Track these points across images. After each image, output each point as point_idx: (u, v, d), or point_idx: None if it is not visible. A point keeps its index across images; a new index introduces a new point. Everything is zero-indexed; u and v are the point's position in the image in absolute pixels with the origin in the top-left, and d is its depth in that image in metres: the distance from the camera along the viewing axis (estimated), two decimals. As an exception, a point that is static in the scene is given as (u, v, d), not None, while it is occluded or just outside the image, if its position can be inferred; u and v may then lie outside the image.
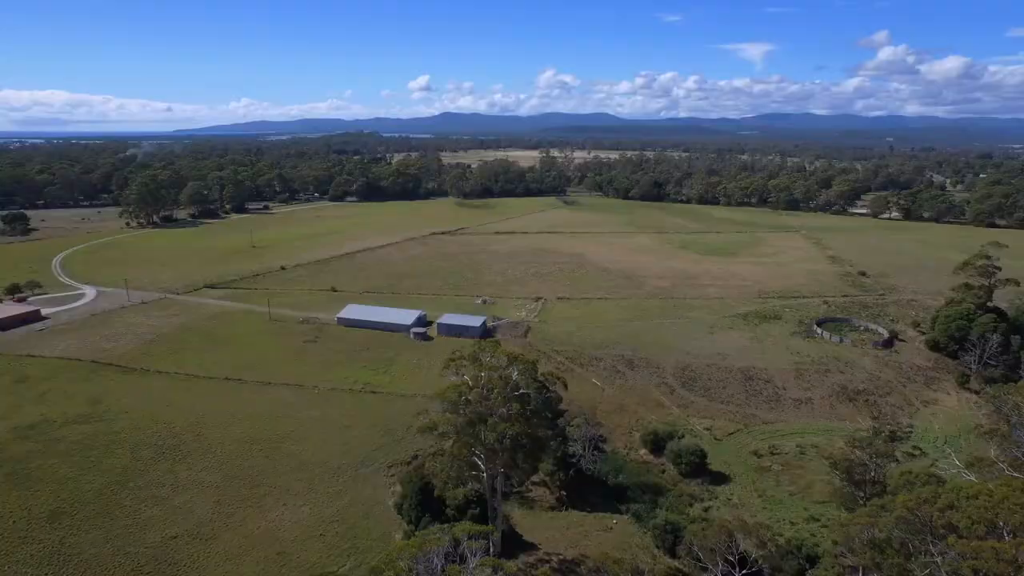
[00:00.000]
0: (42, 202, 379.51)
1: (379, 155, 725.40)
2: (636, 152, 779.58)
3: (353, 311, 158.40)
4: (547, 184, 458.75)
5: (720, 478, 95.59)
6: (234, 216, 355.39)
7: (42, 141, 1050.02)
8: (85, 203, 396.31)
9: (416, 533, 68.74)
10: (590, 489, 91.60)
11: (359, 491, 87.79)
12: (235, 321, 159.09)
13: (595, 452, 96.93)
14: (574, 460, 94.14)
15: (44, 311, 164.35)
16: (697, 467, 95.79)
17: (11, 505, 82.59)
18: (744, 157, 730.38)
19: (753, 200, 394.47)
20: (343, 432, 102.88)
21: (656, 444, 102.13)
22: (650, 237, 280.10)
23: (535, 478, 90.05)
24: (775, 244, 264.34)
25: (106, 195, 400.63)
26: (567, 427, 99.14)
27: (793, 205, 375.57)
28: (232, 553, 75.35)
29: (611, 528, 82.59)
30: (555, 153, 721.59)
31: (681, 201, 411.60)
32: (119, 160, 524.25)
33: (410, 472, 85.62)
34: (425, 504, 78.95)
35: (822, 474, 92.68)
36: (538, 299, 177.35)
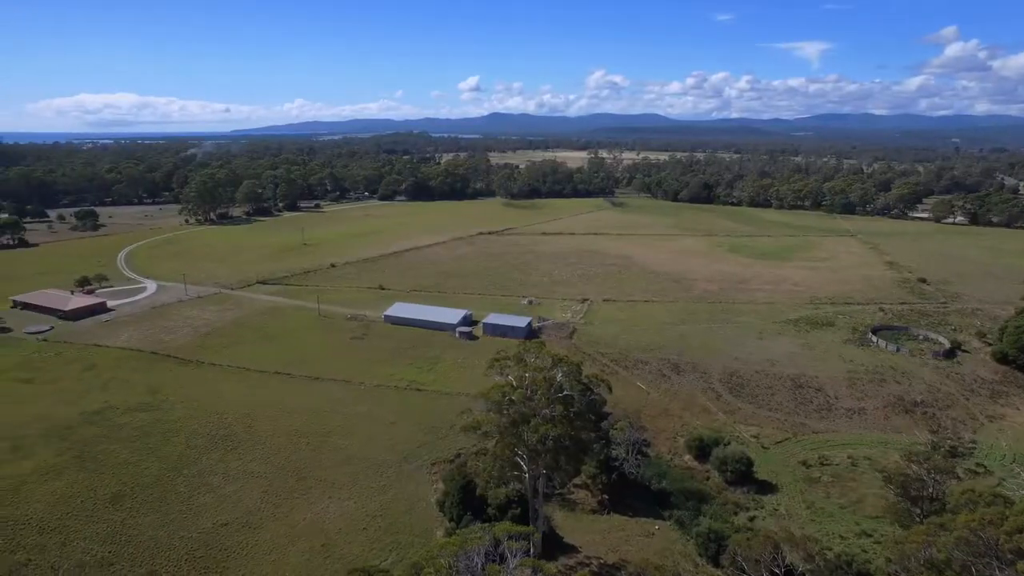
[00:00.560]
0: (110, 199, 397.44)
1: (428, 155, 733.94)
2: (686, 153, 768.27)
3: (400, 309, 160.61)
4: (595, 185, 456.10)
5: (767, 487, 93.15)
6: (286, 214, 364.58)
7: (111, 141, 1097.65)
8: (148, 200, 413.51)
9: (457, 531, 69.28)
10: (632, 493, 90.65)
11: (402, 487, 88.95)
12: (286, 317, 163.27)
13: (638, 456, 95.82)
14: (617, 464, 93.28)
15: (110, 303, 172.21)
16: (743, 475, 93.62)
17: (79, 486, 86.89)
18: (798, 159, 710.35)
19: (806, 203, 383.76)
20: (388, 428, 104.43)
21: (701, 450, 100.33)
22: (699, 240, 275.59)
23: (577, 480, 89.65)
24: (829, 248, 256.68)
25: (167, 193, 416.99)
26: (610, 430, 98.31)
27: (849, 209, 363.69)
28: (278, 543, 77.33)
29: (653, 534, 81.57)
30: (603, 154, 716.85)
31: (731, 203, 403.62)
32: (180, 159, 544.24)
33: (453, 470, 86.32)
34: (467, 502, 79.50)
35: (875, 488, 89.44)
36: (584, 301, 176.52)
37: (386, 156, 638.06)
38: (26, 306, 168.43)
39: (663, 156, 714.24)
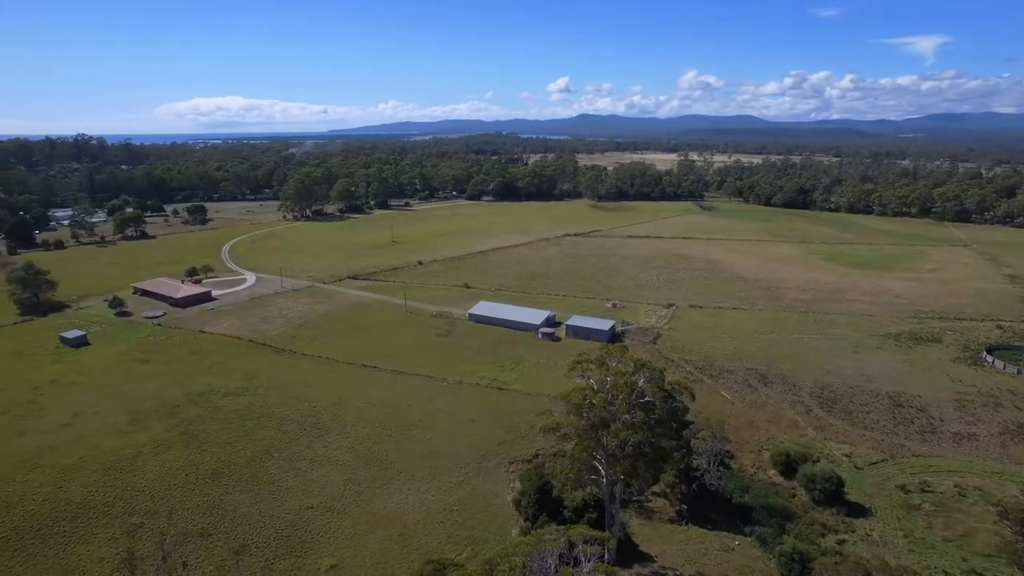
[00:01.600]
0: (217, 195, 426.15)
1: (516, 156, 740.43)
2: (781, 156, 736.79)
3: (484, 308, 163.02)
4: (684, 188, 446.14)
5: (858, 510, 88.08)
6: (377, 212, 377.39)
7: (220, 141, 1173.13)
8: (251, 197, 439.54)
9: (532, 531, 69.77)
10: (712, 506, 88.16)
11: (480, 483, 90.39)
12: (374, 311, 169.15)
13: (720, 468, 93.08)
14: (697, 474, 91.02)
15: (214, 292, 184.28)
16: (832, 495, 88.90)
17: (183, 461, 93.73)
18: (904, 162, 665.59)
19: (913, 210, 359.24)
20: (468, 425, 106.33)
21: (787, 466, 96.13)
22: (792, 246, 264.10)
23: (655, 488, 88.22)
24: (937, 259, 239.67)
25: (268, 190, 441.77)
26: (692, 439, 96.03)
27: (963, 217, 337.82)
28: (359, 529, 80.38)
29: (733, 549, 79.05)
30: (694, 156, 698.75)
31: (829, 209, 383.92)
32: (280, 158, 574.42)
33: (530, 470, 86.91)
34: (543, 503, 79.83)
35: (988, 522, 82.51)
36: (669, 306, 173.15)
37: (474, 156, 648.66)
38: (144, 292, 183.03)
39: (756, 159, 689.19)
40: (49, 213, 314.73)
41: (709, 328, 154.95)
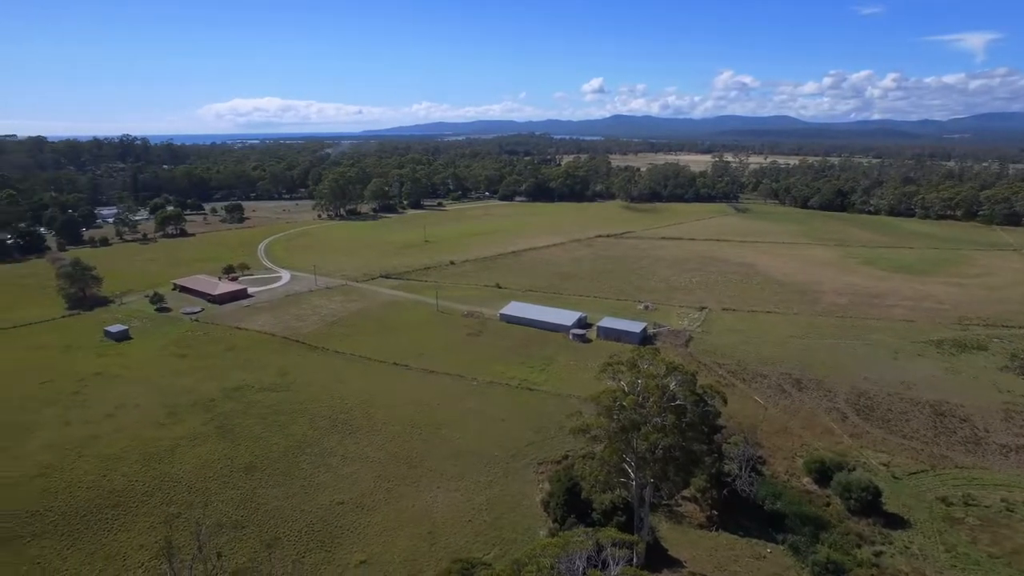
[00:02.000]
0: (254, 194, 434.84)
1: (549, 156, 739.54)
2: (819, 158, 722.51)
3: (515, 308, 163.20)
4: (718, 190, 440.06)
5: (896, 521, 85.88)
6: (410, 212, 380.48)
7: (257, 141, 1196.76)
8: (287, 196, 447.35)
9: (560, 532, 69.62)
10: (744, 512, 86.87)
11: (508, 484, 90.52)
12: (405, 310, 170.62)
13: (752, 474, 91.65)
14: (729, 479, 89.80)
15: (250, 290, 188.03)
16: (869, 505, 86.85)
17: (218, 454, 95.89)
18: (950, 164, 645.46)
19: (958, 213, 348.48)
20: (498, 425, 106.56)
21: (822, 473, 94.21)
22: (829, 249, 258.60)
23: (686, 493, 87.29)
24: (983, 263, 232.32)
25: (303, 189, 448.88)
26: (723, 444, 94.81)
27: (1013, 220, 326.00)
28: (388, 525, 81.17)
29: (764, 557, 77.79)
30: (729, 158, 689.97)
31: (868, 212, 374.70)
32: (315, 158, 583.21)
33: (559, 471, 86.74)
34: (571, 505, 79.60)
35: (1036, 538, 79.64)
36: (702, 308, 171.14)
37: (507, 157, 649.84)
38: (183, 289, 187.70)
39: (793, 160, 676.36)
40: (95, 211, 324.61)
41: (742, 332, 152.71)
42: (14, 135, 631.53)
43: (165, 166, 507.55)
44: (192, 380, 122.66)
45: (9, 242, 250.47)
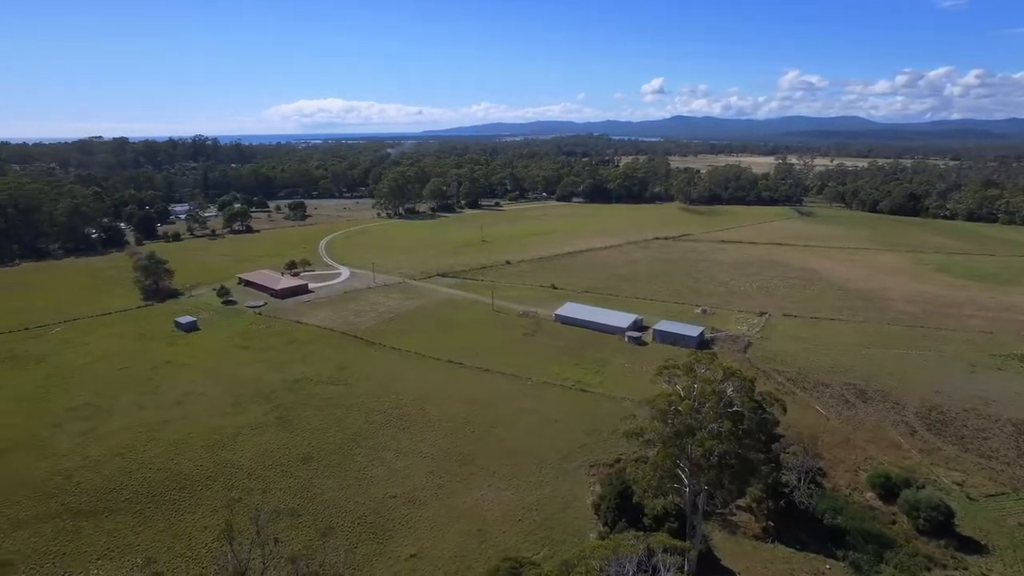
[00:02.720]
0: (316, 192, 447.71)
1: (607, 157, 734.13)
2: (890, 160, 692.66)
3: (571, 309, 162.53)
4: (781, 193, 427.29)
5: (972, 546, 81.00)
6: (468, 211, 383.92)
7: (320, 141, 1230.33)
8: (347, 194, 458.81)
9: (611, 535, 68.91)
10: (802, 525, 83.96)
11: (559, 485, 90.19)
12: (461, 309, 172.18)
13: (811, 486, 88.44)
14: (786, 490, 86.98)
15: (311, 285, 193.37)
16: (940, 526, 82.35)
17: (278, 443, 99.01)
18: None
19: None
20: (550, 426, 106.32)
21: (887, 489, 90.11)
22: (899, 256, 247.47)
23: (740, 502, 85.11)
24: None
25: (363, 188, 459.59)
26: (782, 454, 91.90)
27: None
28: (439, 521, 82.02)
29: (823, 573, 75.06)
30: (792, 160, 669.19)
31: (944, 217, 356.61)
32: (376, 158, 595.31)
33: (611, 474, 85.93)
34: (622, 508, 78.70)
35: None
36: (762, 314, 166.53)
37: (565, 158, 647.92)
38: (248, 283, 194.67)
39: (862, 163, 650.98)
40: (169, 208, 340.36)
41: (804, 339, 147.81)
42: (100, 136, 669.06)
43: (233, 165, 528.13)
44: (254, 371, 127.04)
45: (93, 236, 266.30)
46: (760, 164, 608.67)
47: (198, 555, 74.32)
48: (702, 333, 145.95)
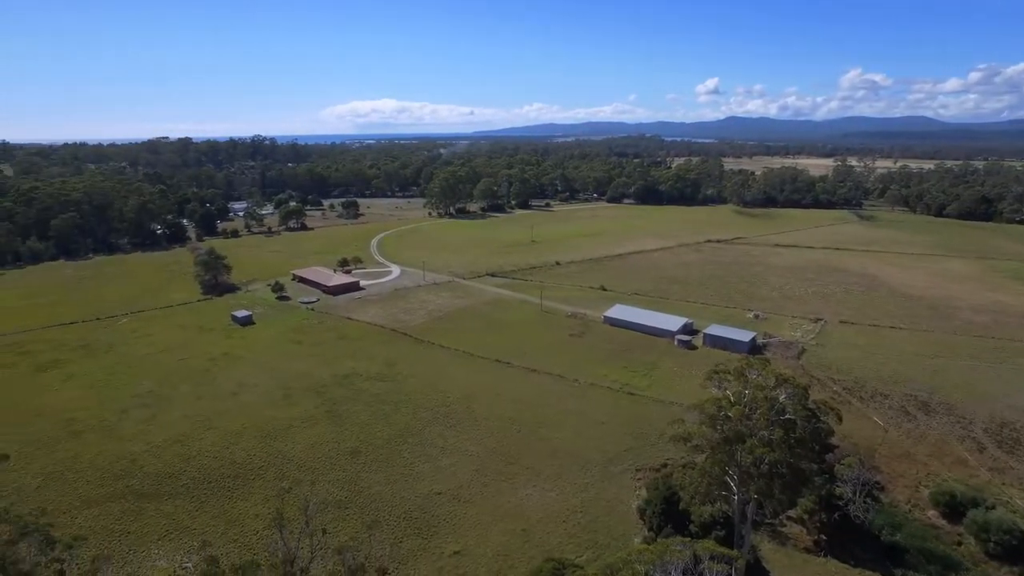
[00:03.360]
0: (369, 191, 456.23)
1: (659, 159, 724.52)
2: (959, 162, 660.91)
3: (620, 311, 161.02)
4: (840, 196, 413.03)
5: (1044, 570, 76.70)
6: (518, 211, 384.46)
7: (373, 141, 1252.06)
8: (399, 193, 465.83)
9: (657, 541, 67.88)
10: (856, 540, 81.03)
11: (605, 488, 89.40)
12: (510, 308, 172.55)
13: (868, 500, 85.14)
14: (840, 503, 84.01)
15: (362, 283, 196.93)
16: (1013, 551, 77.23)
17: (327, 436, 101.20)
18: None
19: None
20: (597, 428, 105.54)
21: (952, 508, 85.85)
22: (968, 262, 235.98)
23: (791, 513, 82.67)
24: None
25: (415, 187, 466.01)
26: (836, 465, 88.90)
27: None
28: (483, 520, 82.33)
29: (880, 590, 72.23)
30: (852, 161, 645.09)
31: (1019, 222, 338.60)
32: (428, 158, 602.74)
33: (657, 479, 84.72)
34: (668, 514, 77.49)
35: None
36: (817, 320, 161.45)
37: (616, 159, 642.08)
38: (301, 279, 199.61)
39: (928, 165, 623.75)
40: (229, 205, 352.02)
41: (862, 347, 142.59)
42: (167, 137, 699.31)
43: (290, 164, 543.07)
44: (306, 365, 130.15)
45: (159, 232, 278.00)
46: (818, 166, 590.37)
47: (249, 541, 76.67)
48: (754, 338, 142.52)
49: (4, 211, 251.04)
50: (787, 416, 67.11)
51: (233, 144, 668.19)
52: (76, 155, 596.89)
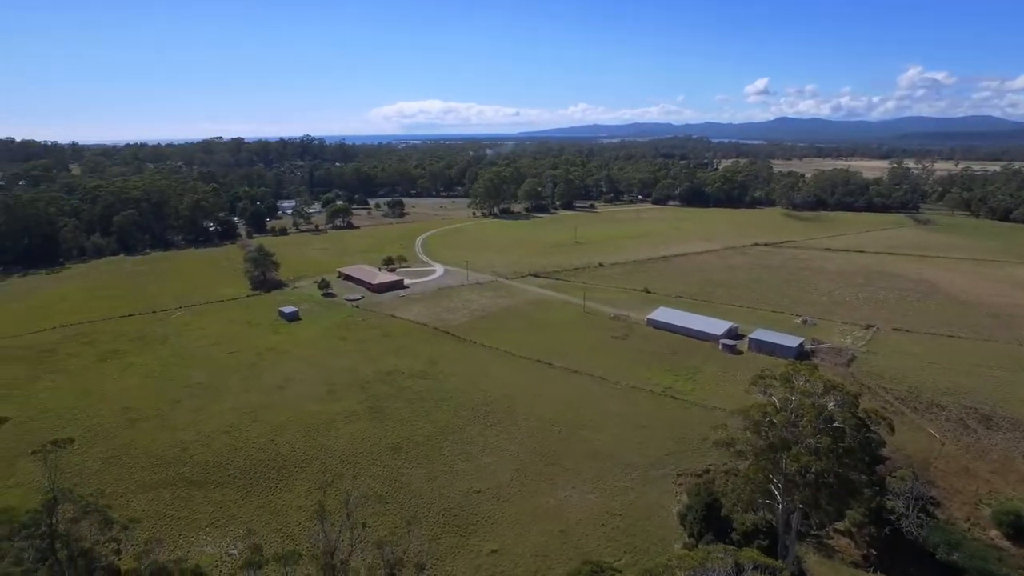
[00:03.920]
0: (414, 191, 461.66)
1: (705, 160, 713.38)
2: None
3: (664, 314, 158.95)
4: (895, 199, 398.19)
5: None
6: (562, 212, 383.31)
7: (419, 142, 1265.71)
8: (444, 193, 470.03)
9: (697, 547, 66.75)
10: (909, 557, 78.10)
11: (645, 492, 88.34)
12: (552, 309, 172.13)
13: (921, 515, 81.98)
14: (892, 517, 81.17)
15: (406, 281, 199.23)
16: (1081, 574, 73.87)
17: (369, 432, 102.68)
18: None
19: None
20: (638, 431, 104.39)
21: (1017, 529, 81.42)
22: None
23: (839, 525, 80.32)
24: None
25: (459, 187, 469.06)
26: (887, 477, 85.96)
27: None
28: (522, 520, 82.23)
29: (933, 608, 69.44)
30: (909, 163, 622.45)
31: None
32: (472, 158, 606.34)
33: (699, 485, 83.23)
34: (709, 521, 76.06)
35: None
36: (868, 327, 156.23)
37: (662, 160, 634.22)
38: (346, 277, 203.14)
39: (993, 167, 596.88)
40: (278, 204, 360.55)
41: (917, 355, 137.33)
42: (220, 137, 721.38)
43: (337, 164, 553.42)
44: (350, 362, 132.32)
45: (211, 229, 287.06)
46: (872, 168, 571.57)
47: (292, 532, 78.31)
48: (801, 344, 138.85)
49: (72, 208, 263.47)
50: (835, 424, 65.19)
51: (283, 144, 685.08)
52: (137, 155, 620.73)
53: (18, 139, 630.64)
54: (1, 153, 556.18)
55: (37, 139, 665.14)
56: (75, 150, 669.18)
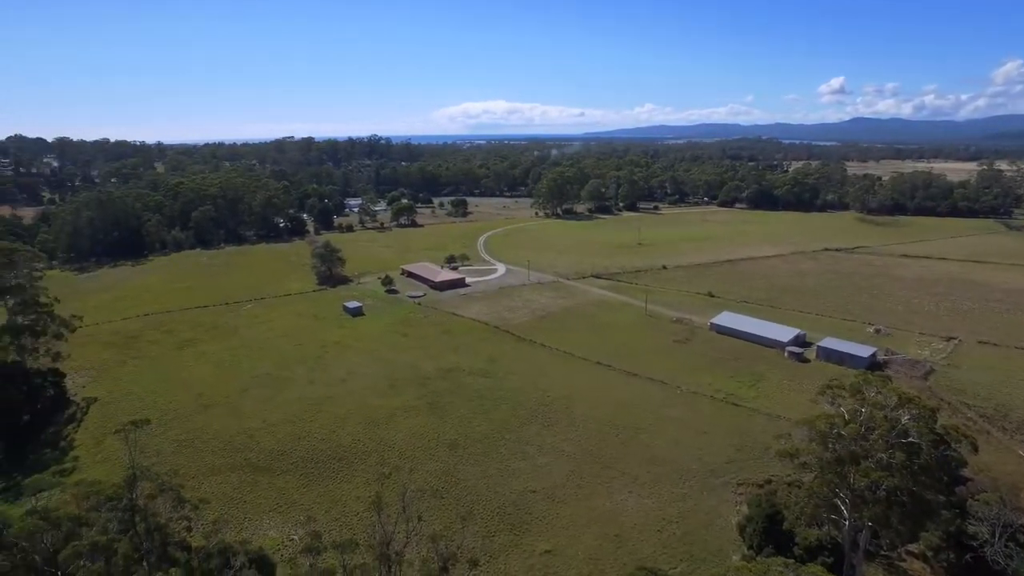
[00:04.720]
0: (478, 191, 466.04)
1: (775, 162, 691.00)
2: None
3: (728, 319, 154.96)
4: (983, 203, 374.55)
5: None
6: (625, 213, 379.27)
7: (483, 142, 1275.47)
8: (507, 193, 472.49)
9: (756, 560, 64.66)
10: (991, 585, 73.19)
11: (703, 500, 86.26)
12: (613, 311, 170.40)
13: (1009, 544, 76.44)
14: (974, 543, 76.09)
15: (468, 279, 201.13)
16: None
17: (427, 427, 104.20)
18: None
19: None
20: (698, 437, 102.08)
21: (1112, 560, 75.75)
22: None
23: (912, 547, 76.05)
24: None
25: (523, 187, 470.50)
26: (969, 500, 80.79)
27: None
28: (576, 522, 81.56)
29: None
30: (1002, 165, 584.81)
31: None
32: (536, 158, 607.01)
33: (760, 496, 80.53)
34: (770, 533, 73.40)
35: None
36: (949, 339, 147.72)
37: (729, 162, 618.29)
38: (409, 274, 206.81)
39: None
40: (345, 201, 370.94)
41: (1004, 371, 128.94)
42: (292, 136, 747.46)
43: (403, 163, 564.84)
44: (411, 357, 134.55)
45: (281, 225, 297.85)
46: (957, 171, 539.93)
47: (350, 521, 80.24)
48: (874, 354, 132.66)
49: (156, 204, 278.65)
50: (910, 439, 61.90)
51: (351, 143, 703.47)
52: (215, 154, 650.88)
53: (112, 139, 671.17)
54: (98, 153, 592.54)
55: (128, 139, 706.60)
56: (160, 149, 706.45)
